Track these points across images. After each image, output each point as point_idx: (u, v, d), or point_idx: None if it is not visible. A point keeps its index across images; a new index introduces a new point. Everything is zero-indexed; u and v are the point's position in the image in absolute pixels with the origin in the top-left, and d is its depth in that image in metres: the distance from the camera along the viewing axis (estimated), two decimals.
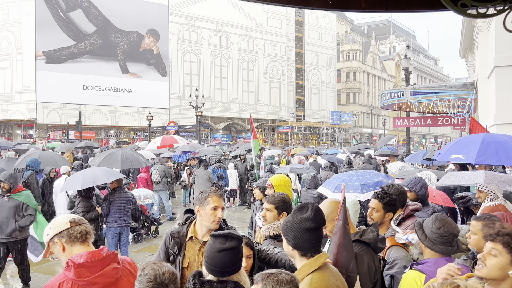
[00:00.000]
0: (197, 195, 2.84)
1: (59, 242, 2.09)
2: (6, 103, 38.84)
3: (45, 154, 11.04)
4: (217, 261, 1.98)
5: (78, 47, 39.91)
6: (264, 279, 1.66)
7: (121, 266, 2.14)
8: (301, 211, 2.07)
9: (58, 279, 2.01)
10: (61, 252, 2.09)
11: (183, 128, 37.33)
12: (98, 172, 6.89)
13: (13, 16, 38.71)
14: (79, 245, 2.10)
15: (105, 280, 2.03)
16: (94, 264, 2.01)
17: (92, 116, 40.03)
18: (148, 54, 43.98)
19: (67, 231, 2.09)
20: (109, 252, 2.12)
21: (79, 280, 1.97)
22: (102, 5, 40.57)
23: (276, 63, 53.80)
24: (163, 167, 11.44)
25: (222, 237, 2.03)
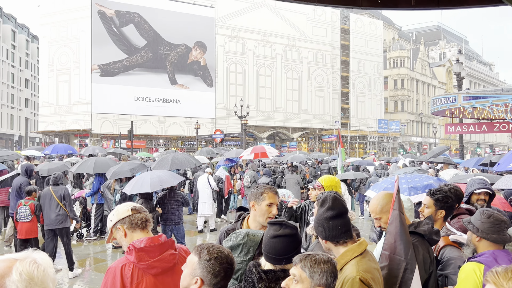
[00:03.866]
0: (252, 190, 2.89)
1: (121, 228, 2.23)
2: (64, 114, 41.40)
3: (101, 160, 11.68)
4: (272, 247, 2.04)
5: (130, 60, 41.89)
6: (302, 260, 1.71)
7: (178, 252, 2.26)
8: (323, 205, 2.18)
9: (120, 262, 2.15)
10: (123, 238, 2.24)
11: (228, 136, 37.92)
12: (163, 175, 7.34)
13: (72, 33, 41.37)
14: (139, 231, 2.23)
15: (163, 265, 2.16)
16: (153, 249, 2.14)
17: (142, 126, 41.68)
18: (196, 65, 45.29)
19: (128, 218, 2.23)
20: (167, 239, 2.24)
21: (140, 264, 2.10)
22: (152, 20, 42.40)
23: (320, 72, 53.47)
24: (254, 173, 11.92)
25: (277, 224, 2.10)
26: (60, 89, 42.08)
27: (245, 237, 2.39)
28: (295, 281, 1.70)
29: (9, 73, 65.06)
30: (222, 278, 1.78)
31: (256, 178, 11.97)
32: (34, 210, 7.01)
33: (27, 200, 7.13)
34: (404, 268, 2.19)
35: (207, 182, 11.05)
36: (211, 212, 10.94)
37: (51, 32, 42.34)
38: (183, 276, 1.81)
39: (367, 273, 1.95)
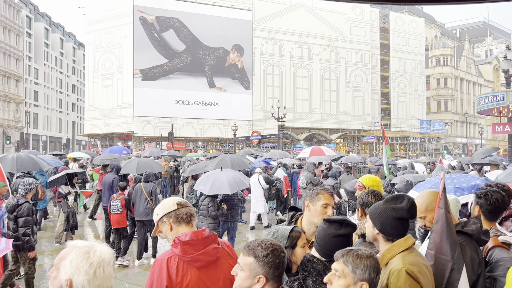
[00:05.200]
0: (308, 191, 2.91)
1: (167, 222, 2.30)
2: (108, 118, 43.10)
3: (143, 161, 12.07)
4: (331, 245, 2.06)
5: (170, 64, 42.99)
6: (344, 255, 1.71)
7: (221, 247, 2.31)
8: (396, 200, 2.12)
9: (166, 254, 2.22)
10: (169, 231, 2.31)
11: (265, 138, 38.01)
12: (237, 177, 7.72)
13: (115, 39, 43.03)
14: (184, 226, 2.30)
15: (206, 258, 2.21)
16: (198, 243, 2.20)
17: (182, 129, 42.61)
18: (233, 68, 45.79)
19: (174, 212, 2.30)
20: (210, 233, 2.30)
21: (185, 256, 2.17)
22: (192, 25, 43.32)
23: (359, 72, 52.53)
24: (310, 174, 12.02)
25: (337, 222, 2.11)
26: (104, 93, 43.86)
27: (275, 233, 2.42)
28: (337, 276, 1.71)
29: (58, 79, 68.56)
30: (282, 269, 1.83)
31: (312, 179, 11.94)
32: (125, 203, 7.96)
33: (119, 194, 8.08)
34: (451, 269, 2.13)
35: (258, 181, 11.63)
36: (262, 209, 11.59)
37: (96, 39, 44.25)
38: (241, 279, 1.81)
39: (413, 266, 1.93)
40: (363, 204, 3.02)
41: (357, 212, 3.15)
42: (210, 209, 7.13)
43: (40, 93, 62.34)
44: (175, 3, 42.82)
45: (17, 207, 5.71)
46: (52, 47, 66.71)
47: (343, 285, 1.69)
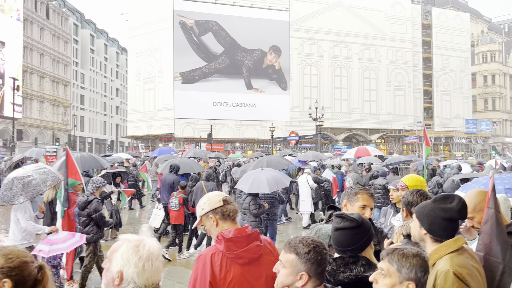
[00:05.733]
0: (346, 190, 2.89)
1: (213, 218, 2.34)
2: (150, 120, 44.41)
3: (183, 161, 12.37)
4: (334, 238, 2.10)
5: (209, 67, 43.70)
6: (389, 254, 1.69)
7: (263, 244, 2.33)
8: (445, 200, 2.05)
9: (211, 250, 2.26)
10: (214, 227, 2.34)
11: (303, 138, 37.77)
12: (277, 176, 7.88)
13: (156, 44, 44.28)
14: (229, 222, 2.34)
15: (249, 255, 2.24)
16: (241, 240, 2.23)
17: (220, 130, 43.17)
18: (270, 69, 45.87)
19: (220, 209, 2.33)
20: (253, 230, 2.33)
21: (228, 253, 2.21)
22: (229, 27, 43.83)
23: (400, 70, 51.07)
24: (356, 175, 12.02)
25: (339, 217, 2.13)
26: (146, 96, 45.23)
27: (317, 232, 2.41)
28: (382, 275, 1.69)
29: (102, 83, 71.44)
30: (324, 265, 1.83)
31: (359, 180, 11.78)
32: (183, 202, 8.42)
33: (178, 193, 8.53)
34: (502, 271, 2.04)
35: (306, 181, 11.80)
36: (310, 209, 11.72)
37: (137, 44, 45.74)
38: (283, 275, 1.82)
39: (462, 268, 1.86)
40: (408, 204, 2.95)
41: (402, 212, 3.08)
42: (252, 208, 7.25)
43: (86, 97, 65.20)
44: (213, 7, 43.51)
45: (88, 204, 6.13)
46: (97, 53, 69.61)
47: (389, 285, 1.66)
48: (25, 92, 46.49)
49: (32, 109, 48.96)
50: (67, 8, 61.29)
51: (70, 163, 6.16)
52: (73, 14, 63.34)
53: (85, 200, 6.17)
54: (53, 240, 5.25)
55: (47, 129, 51.62)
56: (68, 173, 6.04)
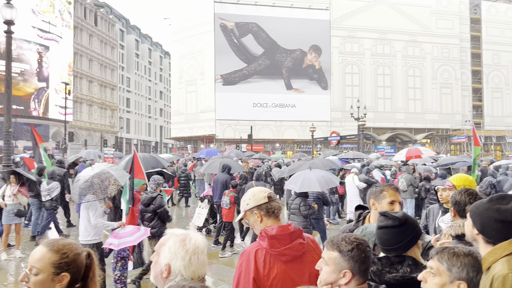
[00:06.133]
0: (371, 189, 2.85)
1: (257, 213, 2.34)
2: (192, 122, 45.42)
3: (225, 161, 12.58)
4: (378, 237, 2.07)
5: (249, 68, 44.05)
6: (439, 252, 1.65)
7: (306, 242, 2.33)
8: (501, 201, 1.93)
9: (254, 246, 2.27)
10: (258, 222, 2.35)
11: (344, 138, 37.16)
12: (326, 176, 7.99)
13: (198, 47, 45.22)
14: (273, 219, 2.34)
15: (292, 253, 2.24)
16: (284, 237, 2.23)
17: (260, 131, 43.37)
18: (311, 69, 45.54)
19: (265, 205, 2.33)
20: (296, 228, 2.33)
21: (272, 250, 2.22)
22: (269, 28, 43.96)
23: (447, 67, 49.03)
24: (410, 176, 11.78)
25: (383, 215, 2.09)
26: (189, 99, 46.30)
27: (363, 231, 2.38)
28: (432, 274, 1.65)
29: (147, 87, 73.83)
30: (368, 263, 1.81)
31: (412, 181, 11.44)
32: (234, 200, 8.71)
33: (229, 192, 8.80)
34: None
35: (353, 181, 11.71)
36: None
37: (180, 47, 46.91)
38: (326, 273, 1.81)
39: None
40: (456, 204, 2.86)
41: (450, 212, 2.99)
42: (302, 208, 7.28)
43: (131, 100, 67.63)
44: (253, 8, 43.81)
45: (152, 200, 6.50)
46: (141, 57, 72.06)
47: (438, 284, 1.63)
48: (76, 96, 48.90)
49: (81, 112, 51.44)
50: (113, 15, 63.94)
51: (136, 164, 6.59)
52: (119, 20, 65.93)
53: (150, 196, 6.55)
54: (121, 234, 5.59)
55: (95, 131, 54.06)
56: (134, 173, 6.48)
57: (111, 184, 5.60)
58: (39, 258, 1.51)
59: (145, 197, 6.57)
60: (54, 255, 1.52)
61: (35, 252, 1.54)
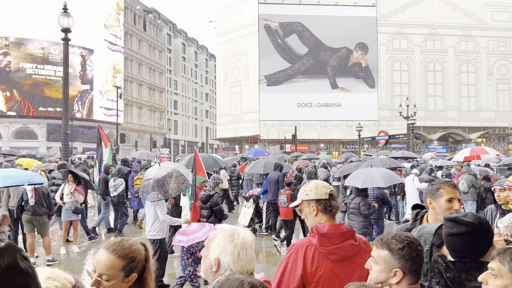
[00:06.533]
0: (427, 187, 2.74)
1: (314, 206, 2.32)
2: (237, 123, 45.95)
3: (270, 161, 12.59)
4: (448, 244, 1.93)
5: (293, 68, 43.89)
6: (500, 253, 1.58)
7: (358, 243, 2.27)
8: None
9: (304, 242, 2.25)
10: (313, 215, 2.32)
11: (393, 138, 36.05)
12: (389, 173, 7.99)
13: (242, 48, 45.70)
14: (328, 216, 2.30)
15: (342, 253, 2.19)
16: (335, 236, 2.19)
17: (305, 131, 43.07)
18: (357, 67, 44.62)
19: (325, 202, 2.31)
20: (348, 228, 2.29)
21: (321, 248, 2.18)
22: (314, 27, 43.57)
23: (504, 62, 46.21)
24: (471, 177, 11.45)
25: (451, 221, 1.94)
26: (233, 100, 46.90)
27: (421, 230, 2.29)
28: (493, 276, 1.57)
29: (193, 89, 75.62)
30: (420, 263, 1.75)
31: (474, 182, 10.95)
32: (290, 198, 8.76)
33: (285, 190, 8.88)
34: None
35: (413, 182, 11.35)
36: None
37: (225, 49, 47.65)
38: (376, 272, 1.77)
39: None
40: None
41: None
42: (362, 208, 7.16)
43: (179, 102, 69.54)
44: (297, 8, 43.62)
45: (210, 198, 6.77)
46: (188, 60, 73.91)
47: (500, 286, 1.55)
48: (126, 99, 51.02)
49: (132, 115, 53.57)
50: (161, 20, 66.09)
51: (198, 162, 6.90)
52: (166, 25, 68.04)
53: (207, 194, 6.79)
54: (189, 231, 5.78)
55: (145, 132, 56.11)
56: (196, 171, 6.77)
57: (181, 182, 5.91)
58: (109, 266, 1.56)
59: (203, 195, 6.81)
60: (123, 261, 1.58)
61: (103, 260, 1.58)
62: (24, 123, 40.06)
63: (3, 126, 39.40)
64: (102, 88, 44.84)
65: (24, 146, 35.48)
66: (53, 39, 38.66)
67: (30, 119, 40.11)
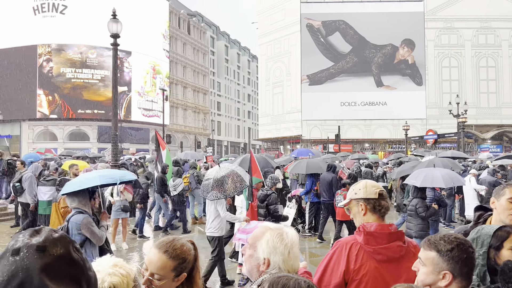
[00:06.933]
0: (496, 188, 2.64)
1: (363, 206, 2.28)
2: (279, 123, 45.94)
3: (312, 161, 12.50)
4: None
5: (336, 67, 43.25)
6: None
7: (406, 246, 2.21)
8: None
9: (350, 239, 2.23)
10: (361, 215, 2.28)
11: (442, 137, 34.57)
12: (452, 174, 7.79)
13: (284, 49, 45.65)
14: (376, 216, 2.25)
15: (389, 254, 2.14)
16: (382, 236, 2.15)
17: (348, 131, 42.30)
18: (403, 64, 43.25)
19: (374, 201, 2.26)
20: (397, 229, 2.23)
21: (367, 246, 2.15)
22: (357, 25, 42.72)
23: None
24: None
25: None
26: (275, 100, 46.94)
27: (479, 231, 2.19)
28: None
29: (236, 90, 76.49)
30: (471, 266, 1.69)
31: None
32: None
33: (342, 191, 8.99)
34: None
35: (470, 183, 11.08)
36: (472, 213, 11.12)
37: (267, 50, 47.80)
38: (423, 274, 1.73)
39: None
40: None
41: None
42: (419, 210, 6.89)
43: (222, 104, 70.61)
44: (340, 6, 42.96)
45: (266, 197, 6.90)
46: (230, 62, 74.88)
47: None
48: (172, 101, 52.47)
49: (177, 116, 55.01)
50: (205, 23, 67.42)
51: (254, 164, 7.15)
52: (210, 27, 69.30)
53: (265, 193, 6.92)
54: (248, 230, 5.92)
55: (190, 133, 57.44)
56: (252, 172, 6.97)
57: (239, 183, 6.12)
58: (161, 266, 1.61)
59: (260, 194, 6.95)
60: (174, 262, 1.62)
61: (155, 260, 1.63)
62: (77, 125, 42.25)
63: (58, 128, 41.77)
64: (141, 89, 45.85)
65: (77, 147, 37.40)
66: (90, 43, 40.55)
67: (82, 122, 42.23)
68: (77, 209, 4.11)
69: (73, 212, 4.13)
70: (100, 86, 42.43)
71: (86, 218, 4.04)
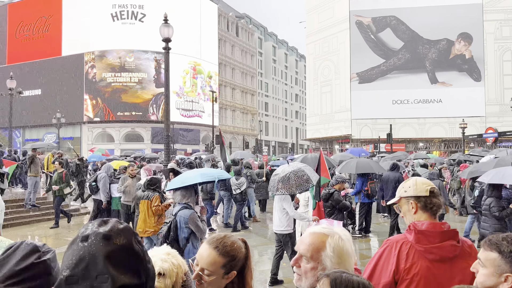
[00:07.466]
0: None
1: (413, 204, 2.22)
2: (327, 122, 45.32)
3: (362, 161, 12.24)
4: None
5: (387, 64, 41.96)
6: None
7: (461, 245, 2.14)
8: None
9: (400, 238, 2.17)
10: (411, 213, 2.23)
11: (504, 135, 32.46)
12: None
13: (332, 47, 44.98)
14: (428, 215, 2.19)
15: (441, 253, 2.07)
16: (434, 235, 2.08)
17: (401, 129, 40.88)
18: (459, 60, 41.10)
19: (425, 199, 2.20)
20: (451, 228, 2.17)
21: (418, 245, 2.09)
22: (409, 20, 41.19)
23: None
24: None
25: None
26: (323, 99, 46.35)
27: None
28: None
29: (283, 91, 76.42)
30: None
31: None
32: None
33: None
34: None
35: None
36: None
37: (315, 49, 47.33)
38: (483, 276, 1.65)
39: None
40: None
41: None
42: (493, 210, 6.61)
43: (269, 104, 70.85)
44: (391, 1, 41.69)
45: (330, 196, 7.15)
46: (278, 62, 74.93)
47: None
48: (221, 103, 53.45)
49: (226, 117, 55.95)
50: (253, 24, 68.00)
51: (323, 164, 7.20)
52: (258, 29, 69.78)
53: (327, 192, 7.13)
54: None
55: (238, 134, 58.20)
56: (321, 171, 7.07)
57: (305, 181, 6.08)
58: (211, 262, 1.61)
59: (323, 193, 7.08)
60: (224, 259, 1.61)
61: (206, 255, 1.63)
62: (132, 127, 44.21)
63: (114, 130, 43.96)
64: (179, 90, 46.01)
65: (132, 148, 39.13)
66: (128, 47, 42.36)
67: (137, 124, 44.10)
68: (183, 205, 4.46)
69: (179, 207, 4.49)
70: (137, 89, 43.91)
71: (193, 213, 4.40)
